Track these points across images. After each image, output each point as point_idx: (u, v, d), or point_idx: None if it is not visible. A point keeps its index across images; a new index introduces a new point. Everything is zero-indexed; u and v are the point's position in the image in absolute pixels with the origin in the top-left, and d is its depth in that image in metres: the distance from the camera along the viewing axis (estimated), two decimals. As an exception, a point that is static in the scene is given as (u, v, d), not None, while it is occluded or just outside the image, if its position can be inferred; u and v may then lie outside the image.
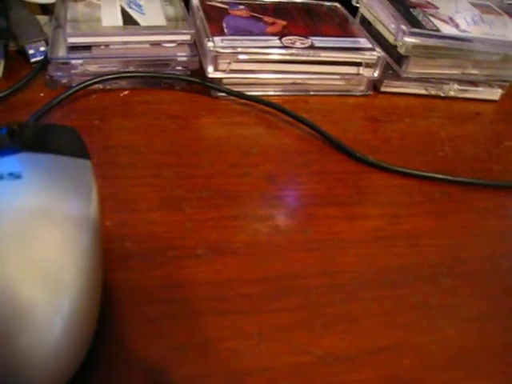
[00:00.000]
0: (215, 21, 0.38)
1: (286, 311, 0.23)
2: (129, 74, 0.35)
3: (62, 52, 0.34)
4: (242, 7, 0.40)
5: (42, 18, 0.39)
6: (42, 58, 0.36)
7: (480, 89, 0.41)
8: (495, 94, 0.42)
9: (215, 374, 0.20)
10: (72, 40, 0.34)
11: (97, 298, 0.20)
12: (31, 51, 0.36)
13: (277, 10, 0.41)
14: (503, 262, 0.28)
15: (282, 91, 0.38)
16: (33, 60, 0.36)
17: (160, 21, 0.37)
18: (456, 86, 0.40)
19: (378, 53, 0.37)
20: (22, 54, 0.37)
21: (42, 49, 0.36)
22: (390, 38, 0.39)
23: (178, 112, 0.34)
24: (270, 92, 0.37)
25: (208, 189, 0.29)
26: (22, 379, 0.16)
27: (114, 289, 0.23)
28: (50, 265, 0.18)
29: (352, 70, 0.38)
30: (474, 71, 0.40)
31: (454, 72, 0.40)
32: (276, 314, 0.23)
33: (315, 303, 0.24)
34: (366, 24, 0.42)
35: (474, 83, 0.41)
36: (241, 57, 0.35)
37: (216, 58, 0.35)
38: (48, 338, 0.17)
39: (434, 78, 0.40)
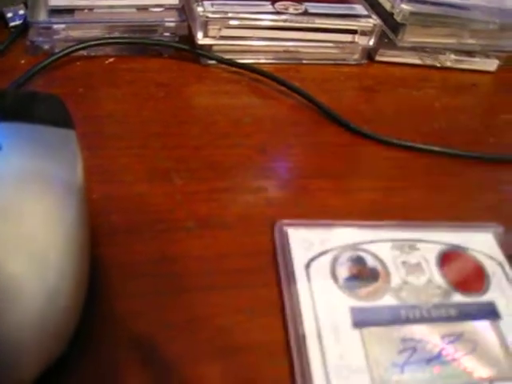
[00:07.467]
0: (205, -16, 0.36)
1: (280, 286, 0.22)
2: (114, 40, 0.34)
3: (42, 16, 0.33)
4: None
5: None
6: (21, 21, 0.34)
7: (476, 59, 0.40)
8: (492, 64, 0.41)
9: (206, 350, 0.20)
10: (53, 2, 0.32)
11: (84, 272, 0.19)
12: (9, 14, 0.35)
13: (269, -25, 0.39)
14: (499, 236, 0.27)
15: (274, 59, 0.36)
16: (12, 24, 0.35)
17: (147, -16, 0.35)
18: (452, 56, 0.39)
19: (374, 20, 0.36)
20: (1, 18, 0.35)
21: (21, 12, 0.35)
22: (387, 5, 0.37)
23: (166, 80, 0.33)
24: (262, 60, 0.36)
25: (198, 160, 0.28)
26: (8, 356, 0.16)
27: (101, 264, 0.22)
28: (35, 238, 0.17)
29: (347, 37, 0.36)
30: (470, 41, 0.39)
31: (451, 41, 0.39)
32: (269, 289, 0.22)
33: (309, 278, 0.23)
34: (362, -9, 0.41)
35: (471, 53, 0.40)
36: (231, 22, 0.33)
37: (206, 24, 0.33)
38: (35, 314, 0.16)
39: (429, 48, 0.39)
